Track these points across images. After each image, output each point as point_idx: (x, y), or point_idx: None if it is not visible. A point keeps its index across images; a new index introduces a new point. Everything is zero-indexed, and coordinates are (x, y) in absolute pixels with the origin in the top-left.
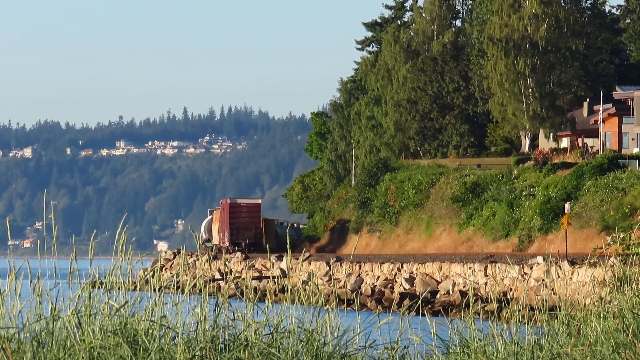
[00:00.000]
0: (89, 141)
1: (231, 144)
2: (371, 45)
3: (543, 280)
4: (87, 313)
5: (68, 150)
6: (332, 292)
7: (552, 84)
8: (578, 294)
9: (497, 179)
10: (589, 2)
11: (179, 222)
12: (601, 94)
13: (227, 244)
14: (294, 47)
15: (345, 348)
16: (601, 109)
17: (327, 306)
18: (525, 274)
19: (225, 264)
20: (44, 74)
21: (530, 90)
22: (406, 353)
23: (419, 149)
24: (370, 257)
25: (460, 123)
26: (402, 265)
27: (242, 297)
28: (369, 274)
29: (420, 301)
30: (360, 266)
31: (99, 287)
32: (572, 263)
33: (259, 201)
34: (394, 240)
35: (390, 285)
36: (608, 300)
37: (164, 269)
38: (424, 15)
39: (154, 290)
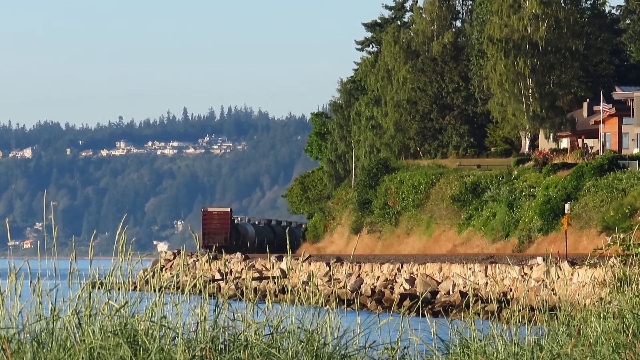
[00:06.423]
0: (89, 142)
1: (231, 144)
2: (371, 46)
3: (543, 280)
4: (87, 313)
5: (68, 151)
6: (332, 293)
7: (552, 85)
8: (578, 295)
9: (497, 179)
10: (589, 2)
11: (179, 222)
12: (601, 94)
13: (201, 247)
14: (294, 47)
15: (345, 348)
16: (601, 109)
17: (327, 306)
18: (525, 274)
19: (225, 264)
20: (44, 74)
21: (530, 90)
22: (406, 353)
23: (418, 149)
24: (370, 257)
25: (460, 123)
26: (402, 265)
27: (242, 297)
28: (369, 274)
29: (420, 302)
30: (360, 266)
31: (99, 288)
32: (572, 263)
33: (229, 209)
34: (394, 240)
35: (390, 285)
36: (608, 301)
37: (164, 269)
38: (423, 15)
39: (154, 290)
